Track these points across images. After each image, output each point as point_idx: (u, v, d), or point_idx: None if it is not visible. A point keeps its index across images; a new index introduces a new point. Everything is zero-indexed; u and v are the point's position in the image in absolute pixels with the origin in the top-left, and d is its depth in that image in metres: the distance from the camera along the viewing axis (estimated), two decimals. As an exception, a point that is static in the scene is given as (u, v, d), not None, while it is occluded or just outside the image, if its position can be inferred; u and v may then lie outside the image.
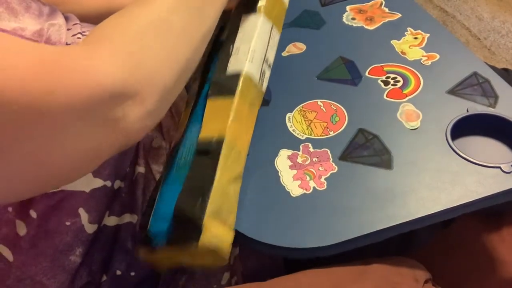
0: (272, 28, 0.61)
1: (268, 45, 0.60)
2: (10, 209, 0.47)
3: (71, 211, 0.50)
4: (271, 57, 0.61)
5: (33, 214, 0.48)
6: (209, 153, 0.51)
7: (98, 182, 0.52)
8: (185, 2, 0.47)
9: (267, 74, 0.60)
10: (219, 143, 0.51)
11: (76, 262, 0.51)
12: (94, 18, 0.61)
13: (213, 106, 0.55)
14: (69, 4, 0.63)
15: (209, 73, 0.60)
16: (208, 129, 0.53)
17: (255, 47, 0.58)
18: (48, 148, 0.34)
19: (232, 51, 0.58)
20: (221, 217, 0.48)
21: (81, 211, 0.51)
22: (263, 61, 0.59)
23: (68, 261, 0.50)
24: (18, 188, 0.36)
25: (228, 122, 0.52)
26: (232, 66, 0.56)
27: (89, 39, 0.41)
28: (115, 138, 0.38)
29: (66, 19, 0.57)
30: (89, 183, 0.52)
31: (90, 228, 0.51)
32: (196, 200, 0.48)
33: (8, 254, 0.47)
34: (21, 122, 0.31)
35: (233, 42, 0.59)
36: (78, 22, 0.57)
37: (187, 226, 0.47)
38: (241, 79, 0.55)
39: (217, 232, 0.47)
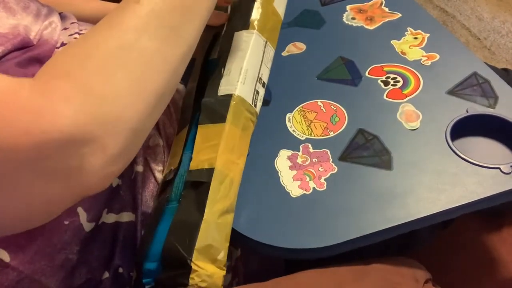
0: (266, 44, 0.61)
1: (261, 63, 0.60)
2: None
3: (70, 210, 0.50)
4: (265, 75, 0.61)
5: None
6: (199, 186, 0.49)
7: None
8: (157, 21, 0.41)
9: (261, 93, 0.59)
10: (209, 175, 0.49)
11: (73, 260, 0.50)
12: (89, 22, 0.61)
13: (204, 133, 0.54)
14: (64, 6, 0.63)
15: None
16: (198, 159, 0.52)
17: (247, 67, 0.57)
18: None
19: (224, 72, 0.57)
20: (211, 254, 0.46)
21: (80, 210, 0.51)
22: (256, 80, 0.58)
23: (67, 259, 0.50)
24: None
25: (218, 151, 0.51)
26: (224, 88, 0.55)
27: (44, 72, 0.36)
28: (71, 190, 0.34)
29: (64, 18, 0.57)
30: None
31: (88, 227, 0.51)
32: (184, 239, 0.46)
33: (4, 256, 0.46)
34: None
35: (224, 62, 0.58)
36: (75, 21, 0.57)
37: (176, 267, 0.46)
38: (232, 103, 0.54)
39: (207, 272, 0.46)
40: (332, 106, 0.61)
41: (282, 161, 0.56)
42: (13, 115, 0.30)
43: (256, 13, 0.61)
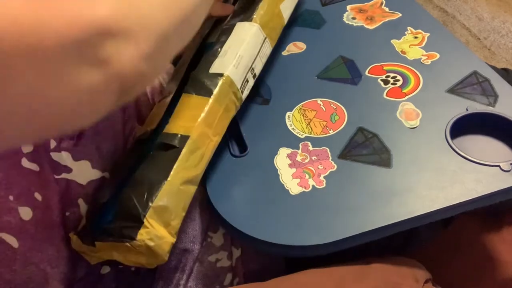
0: (264, 40, 0.61)
1: (257, 55, 0.60)
2: (11, 197, 0.47)
3: (71, 201, 0.50)
4: (257, 68, 0.61)
5: (38, 197, 0.48)
6: (169, 149, 0.49)
7: (96, 174, 0.52)
8: None
9: (250, 83, 0.59)
10: (183, 141, 0.49)
11: (74, 252, 0.51)
12: None
13: (186, 102, 0.54)
14: None
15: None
16: (175, 125, 0.51)
17: (243, 53, 0.57)
18: (40, 88, 0.32)
19: (219, 53, 0.57)
20: (165, 217, 0.46)
21: (81, 201, 0.51)
22: (249, 69, 0.58)
23: (71, 251, 0.50)
24: (21, 130, 0.35)
25: (197, 121, 0.51)
26: (216, 67, 0.56)
27: None
28: (110, 79, 0.36)
29: None
30: (87, 174, 0.52)
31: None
32: (142, 194, 0.46)
33: (12, 241, 0.47)
34: (10, 60, 0.30)
35: (222, 44, 0.58)
36: None
37: (127, 219, 0.45)
38: (221, 81, 0.54)
39: (158, 232, 0.45)
40: (332, 105, 0.61)
41: (282, 159, 0.56)
42: (59, 6, 0.33)
43: (261, 11, 0.61)
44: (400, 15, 0.73)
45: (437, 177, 0.52)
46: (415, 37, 0.68)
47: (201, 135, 0.51)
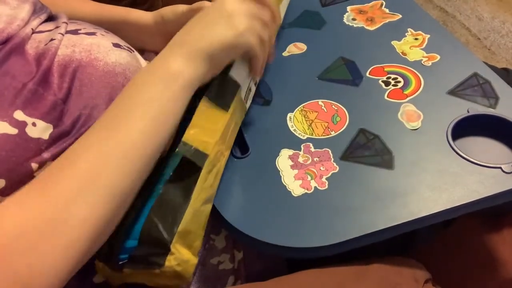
0: None
1: None
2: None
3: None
4: None
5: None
6: (190, 169, 0.48)
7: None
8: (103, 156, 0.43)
9: (253, 90, 0.59)
10: (203, 160, 0.48)
11: None
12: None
13: (205, 111, 0.51)
14: (59, 6, 0.62)
15: None
16: (194, 134, 0.50)
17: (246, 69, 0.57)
18: None
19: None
20: (189, 240, 0.46)
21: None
22: (250, 78, 0.58)
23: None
24: None
25: (215, 139, 0.50)
26: (235, 72, 0.55)
27: None
28: None
29: (55, 18, 0.57)
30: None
31: None
32: (167, 219, 0.45)
33: None
34: None
35: None
36: (66, 21, 0.56)
37: (153, 246, 0.45)
38: (237, 94, 0.54)
39: (184, 256, 0.45)
40: (333, 106, 0.61)
41: (284, 160, 0.56)
42: None
43: None
44: (401, 16, 0.73)
45: (439, 179, 0.52)
46: (416, 39, 0.68)
47: (217, 152, 0.51)
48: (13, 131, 0.43)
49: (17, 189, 0.42)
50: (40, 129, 0.45)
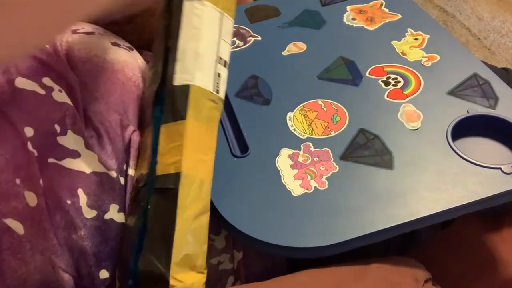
0: (222, 16, 0.54)
1: (219, 40, 0.53)
2: (18, 181, 0.47)
3: (71, 190, 0.49)
4: (225, 52, 0.54)
5: (42, 183, 0.48)
6: (166, 193, 0.47)
7: (101, 168, 0.51)
8: None
9: (224, 74, 0.54)
10: (176, 180, 0.47)
11: (79, 243, 0.50)
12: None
13: (166, 133, 0.49)
14: None
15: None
16: (164, 163, 0.48)
17: (203, 50, 0.51)
18: None
19: (177, 55, 0.51)
20: (189, 263, 0.45)
21: (80, 192, 0.50)
22: (216, 61, 0.53)
23: (73, 241, 0.49)
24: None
25: (183, 154, 0.48)
26: (179, 76, 0.50)
27: None
28: None
29: None
30: (91, 165, 0.51)
31: (89, 213, 0.51)
32: (160, 252, 0.45)
33: (18, 227, 0.46)
34: None
35: (176, 40, 0.51)
36: None
37: (154, 283, 0.44)
38: (191, 96, 0.50)
39: (188, 282, 0.44)
40: (333, 106, 0.61)
41: (283, 160, 0.56)
42: None
43: None
44: (400, 16, 0.73)
45: (438, 179, 0.52)
46: (415, 39, 0.68)
47: (192, 164, 0.48)
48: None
49: None
50: None
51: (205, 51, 0.51)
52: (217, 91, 0.53)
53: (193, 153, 0.49)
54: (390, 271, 0.52)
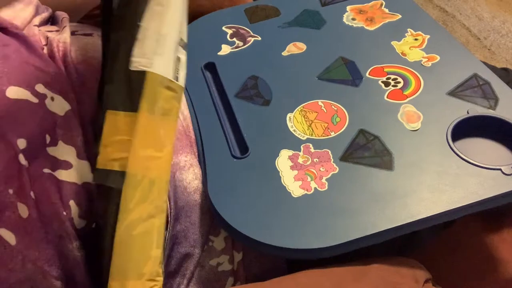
0: None
1: (182, 18, 0.49)
2: (11, 191, 0.46)
3: (62, 201, 0.49)
4: (185, 32, 0.49)
5: (33, 195, 0.48)
6: (109, 193, 0.43)
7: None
8: None
9: (184, 58, 0.49)
10: (120, 181, 0.43)
11: (73, 253, 0.50)
12: (70, 10, 0.60)
13: (113, 122, 0.45)
14: None
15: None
16: (107, 157, 0.44)
17: (168, 31, 0.46)
18: None
19: (138, 33, 0.45)
20: (132, 274, 0.42)
21: (72, 203, 0.50)
22: (177, 43, 0.48)
23: (68, 250, 0.49)
24: None
25: (130, 152, 0.43)
26: (137, 60, 0.45)
27: None
28: None
29: (57, 19, 0.57)
30: (84, 175, 0.50)
31: (79, 223, 0.50)
32: (107, 262, 0.42)
33: (10, 237, 0.46)
34: None
35: (136, 16, 0.45)
36: (66, 24, 0.56)
37: None
38: (147, 85, 0.45)
39: None
40: (333, 106, 0.61)
41: (283, 161, 0.56)
42: None
43: None
44: (400, 16, 0.73)
45: (438, 180, 0.52)
46: (415, 39, 0.68)
47: (141, 162, 0.44)
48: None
49: None
50: None
51: (169, 33, 0.47)
52: (177, 78, 0.48)
53: (143, 150, 0.44)
54: (390, 271, 0.52)
